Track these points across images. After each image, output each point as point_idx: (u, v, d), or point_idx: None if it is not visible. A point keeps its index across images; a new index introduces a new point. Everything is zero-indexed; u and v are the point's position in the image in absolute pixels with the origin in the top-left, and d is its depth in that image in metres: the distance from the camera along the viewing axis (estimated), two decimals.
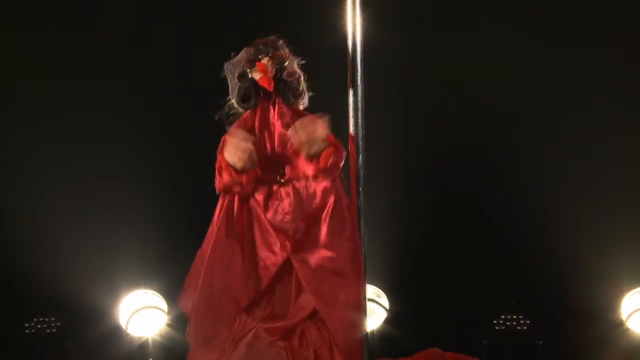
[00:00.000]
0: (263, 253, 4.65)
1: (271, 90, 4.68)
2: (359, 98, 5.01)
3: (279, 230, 4.60)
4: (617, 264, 6.69)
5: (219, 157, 4.67)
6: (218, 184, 4.67)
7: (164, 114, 6.95)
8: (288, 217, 4.60)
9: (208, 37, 6.82)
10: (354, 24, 4.95)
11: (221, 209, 4.70)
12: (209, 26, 6.91)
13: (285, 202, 4.64)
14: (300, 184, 4.67)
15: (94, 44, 6.89)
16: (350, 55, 4.99)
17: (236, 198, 4.70)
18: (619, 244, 6.71)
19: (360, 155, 4.94)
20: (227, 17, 6.89)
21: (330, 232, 4.62)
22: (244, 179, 4.59)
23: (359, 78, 4.94)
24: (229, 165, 4.57)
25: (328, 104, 4.91)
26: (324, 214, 4.62)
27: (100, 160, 6.86)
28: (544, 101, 6.86)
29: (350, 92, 4.98)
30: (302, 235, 4.61)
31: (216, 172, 4.70)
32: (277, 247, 4.62)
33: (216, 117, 4.92)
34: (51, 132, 6.84)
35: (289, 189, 4.66)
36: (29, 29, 6.80)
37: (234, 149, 4.53)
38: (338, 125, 4.73)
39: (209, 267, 4.63)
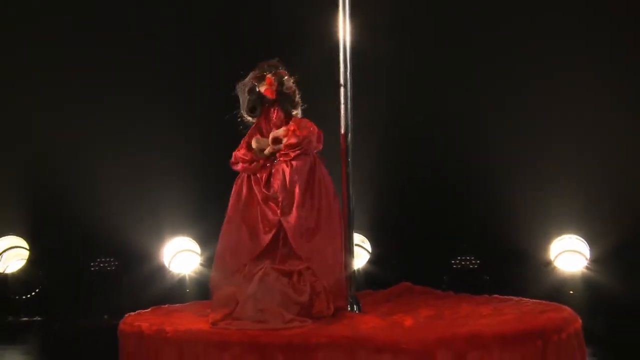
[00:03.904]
0: (265, 218, 5.11)
1: (273, 98, 5.18)
2: (349, 88, 5.30)
3: (273, 200, 5.10)
4: (548, 215, 7.16)
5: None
6: (232, 159, 5.24)
7: (204, 81, 7.36)
8: (277, 189, 5.08)
9: (207, 39, 7.42)
10: (344, 31, 5.33)
11: (237, 187, 5.22)
12: (208, 29, 7.41)
13: (275, 178, 5.12)
14: (284, 165, 5.12)
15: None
16: (342, 55, 5.32)
17: (244, 179, 5.19)
18: (549, 199, 7.17)
19: (349, 134, 5.27)
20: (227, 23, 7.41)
21: (306, 198, 5.07)
22: (248, 157, 5.13)
23: (348, 75, 5.30)
24: (245, 148, 5.16)
25: (326, 95, 5.45)
26: (303, 184, 5.08)
27: (152, 130, 7.39)
28: (490, 73, 7.28)
29: (341, 83, 5.29)
30: (286, 202, 5.06)
31: (233, 157, 5.23)
32: (272, 213, 5.09)
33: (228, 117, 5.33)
34: (111, 103, 7.39)
35: (279, 167, 5.13)
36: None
37: (256, 140, 5.18)
38: (333, 110, 5.23)
39: (227, 228, 5.18)
